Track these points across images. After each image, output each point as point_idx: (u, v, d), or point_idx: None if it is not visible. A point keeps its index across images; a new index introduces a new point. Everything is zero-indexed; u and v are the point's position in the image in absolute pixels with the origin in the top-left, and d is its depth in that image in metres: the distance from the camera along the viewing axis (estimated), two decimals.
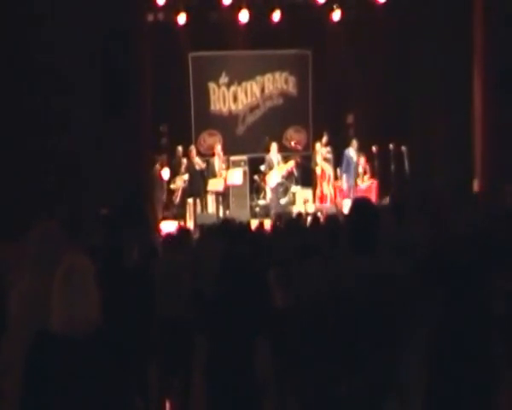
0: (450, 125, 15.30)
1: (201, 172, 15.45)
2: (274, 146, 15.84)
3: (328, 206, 15.50)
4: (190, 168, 15.42)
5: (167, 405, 6.62)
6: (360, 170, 15.96)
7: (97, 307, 3.18)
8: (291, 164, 15.82)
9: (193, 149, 15.71)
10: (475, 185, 14.77)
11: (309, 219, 11.28)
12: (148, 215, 13.60)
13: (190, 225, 14.64)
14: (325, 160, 16.01)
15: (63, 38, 13.02)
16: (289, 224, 8.58)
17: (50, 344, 3.13)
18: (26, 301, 3.75)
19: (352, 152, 15.82)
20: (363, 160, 15.91)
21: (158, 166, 15.15)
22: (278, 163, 15.71)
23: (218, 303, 4.62)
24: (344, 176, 15.80)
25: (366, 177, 15.95)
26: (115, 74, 13.60)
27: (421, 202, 9.22)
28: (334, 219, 7.68)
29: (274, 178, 15.65)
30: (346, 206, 14.88)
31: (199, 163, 15.46)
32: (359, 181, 15.91)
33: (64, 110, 12.88)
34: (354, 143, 15.84)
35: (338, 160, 16.20)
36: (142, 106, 14.56)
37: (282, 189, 15.96)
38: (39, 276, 3.70)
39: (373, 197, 14.49)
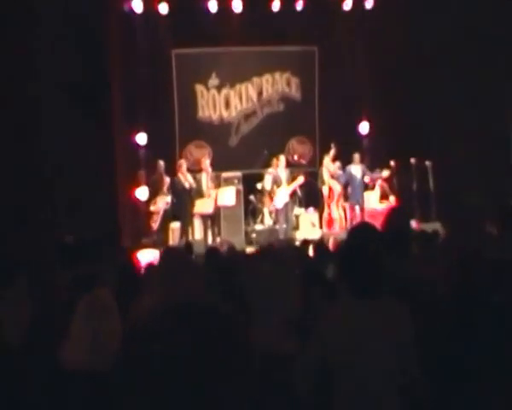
0: (483, 134, 14.45)
1: (189, 191, 15.04)
2: (282, 160, 15.53)
3: (337, 232, 14.92)
4: (176, 186, 14.96)
5: None
6: (377, 190, 15.77)
7: (118, 337, 4.00)
8: (300, 180, 15.32)
9: (183, 163, 15.41)
10: None
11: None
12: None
13: None
14: (333, 177, 15.54)
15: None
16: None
17: (70, 379, 4.10)
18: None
19: (354, 169, 15.43)
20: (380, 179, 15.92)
21: None
22: (287, 181, 15.25)
23: None
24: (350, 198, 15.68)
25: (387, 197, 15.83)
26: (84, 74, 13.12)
27: None
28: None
29: (282, 197, 15.11)
30: None
31: (189, 181, 15.05)
32: (376, 203, 15.75)
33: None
34: (356, 157, 15.54)
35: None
36: (114, 111, 14.59)
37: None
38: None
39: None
